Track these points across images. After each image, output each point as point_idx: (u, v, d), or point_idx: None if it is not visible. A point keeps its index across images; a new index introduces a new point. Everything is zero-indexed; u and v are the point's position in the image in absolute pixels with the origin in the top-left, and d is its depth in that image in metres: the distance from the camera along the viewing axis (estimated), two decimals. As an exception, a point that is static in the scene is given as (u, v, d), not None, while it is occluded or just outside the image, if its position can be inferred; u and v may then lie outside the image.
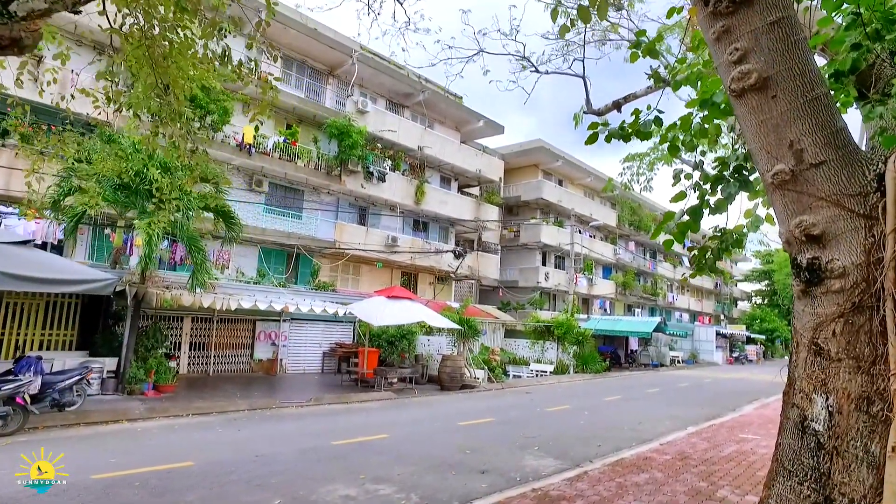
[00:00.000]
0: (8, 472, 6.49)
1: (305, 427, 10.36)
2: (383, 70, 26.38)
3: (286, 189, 23.20)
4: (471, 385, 18.20)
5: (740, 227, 4.17)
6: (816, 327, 2.95)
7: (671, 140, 4.39)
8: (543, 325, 26.91)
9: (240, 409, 11.86)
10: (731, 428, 11.33)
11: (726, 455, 8.44)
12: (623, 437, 10.16)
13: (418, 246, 26.61)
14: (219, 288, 16.17)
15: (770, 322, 55.93)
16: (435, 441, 9.38)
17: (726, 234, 4.15)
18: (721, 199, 3.88)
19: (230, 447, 8.35)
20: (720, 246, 4.14)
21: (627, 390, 19.91)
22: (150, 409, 10.92)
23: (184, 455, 7.64)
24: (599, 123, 4.22)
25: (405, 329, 20.62)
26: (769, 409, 14.87)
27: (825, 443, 2.87)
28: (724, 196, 3.85)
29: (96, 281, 9.16)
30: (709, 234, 4.28)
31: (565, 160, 37.68)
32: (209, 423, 10.19)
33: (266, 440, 8.95)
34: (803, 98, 2.74)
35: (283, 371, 19.56)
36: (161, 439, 8.74)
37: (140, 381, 13.12)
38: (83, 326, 15.26)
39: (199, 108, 19.40)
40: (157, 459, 7.34)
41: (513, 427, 11.06)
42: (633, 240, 45.33)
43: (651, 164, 20.84)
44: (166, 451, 7.87)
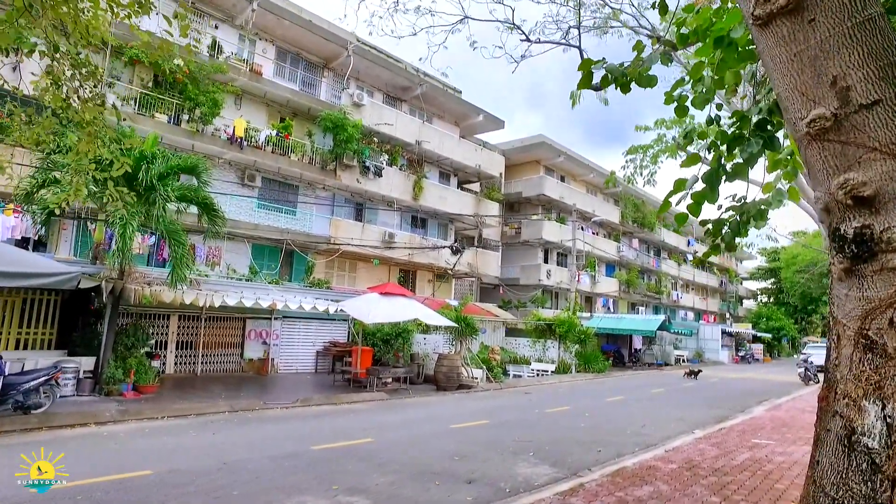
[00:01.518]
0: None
1: (287, 430, 9.72)
2: (380, 63, 25.74)
3: (280, 184, 22.58)
4: (468, 385, 17.54)
5: (768, 189, 3.46)
6: (866, 315, 2.28)
7: (678, 99, 3.70)
8: (545, 323, 26.23)
9: (220, 412, 11.23)
10: (742, 432, 10.57)
11: (739, 464, 7.72)
12: (625, 442, 9.48)
13: (416, 243, 25.96)
14: (205, 285, 15.56)
15: (776, 320, 55.03)
16: (423, 445, 8.73)
17: (746, 206, 3.44)
18: (740, 163, 3.19)
19: (198, 453, 7.72)
20: (739, 219, 3.44)
21: (631, 390, 19.21)
22: (123, 412, 10.29)
23: (144, 463, 7.00)
24: (594, 62, 3.52)
25: (401, 327, 19.97)
26: (781, 411, 14.09)
27: (882, 464, 2.21)
28: (744, 158, 3.15)
29: (56, 275, 8.54)
30: (725, 207, 3.58)
31: (567, 156, 36.96)
32: (183, 427, 9.56)
33: (240, 445, 8.31)
34: (850, 21, 2.07)
35: (275, 371, 18.94)
36: (125, 445, 8.11)
37: (118, 382, 12.50)
38: (63, 325, 14.66)
39: (189, 100, 18.82)
40: (112, 468, 6.71)
41: (508, 430, 10.39)
42: (637, 237, 44.56)
43: (655, 157, 20.14)
44: (126, 459, 7.24)
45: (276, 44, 23.27)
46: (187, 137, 18.74)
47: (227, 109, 20.66)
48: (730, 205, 3.45)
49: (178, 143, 18.31)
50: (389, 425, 10.59)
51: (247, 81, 20.76)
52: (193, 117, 19.03)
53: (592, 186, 41.77)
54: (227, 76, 19.90)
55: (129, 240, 11.12)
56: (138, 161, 11.56)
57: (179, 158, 12.61)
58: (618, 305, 41.75)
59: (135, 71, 18.69)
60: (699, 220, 3.58)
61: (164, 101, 18.61)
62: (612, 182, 21.70)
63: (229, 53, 20.92)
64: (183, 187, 13.13)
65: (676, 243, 49.59)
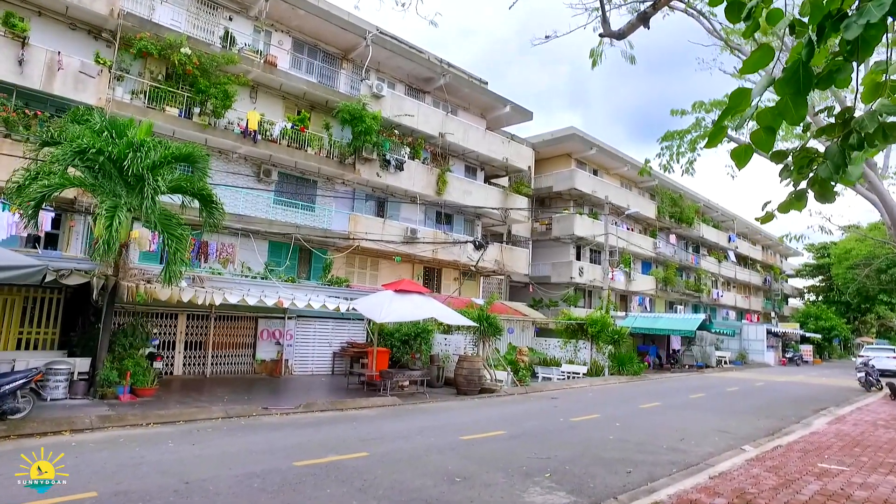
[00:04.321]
0: None
1: (275, 441, 8.75)
2: (401, 53, 24.77)
3: (297, 179, 21.84)
4: (490, 389, 16.35)
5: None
6: None
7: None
8: (576, 322, 24.79)
9: (212, 418, 10.36)
10: (805, 452, 8.89)
11: (808, 500, 6.20)
12: (660, 461, 8.16)
13: (440, 239, 24.88)
14: (209, 282, 14.83)
15: (827, 320, 51.83)
16: (421, 463, 7.61)
17: (857, 121, 2.08)
18: (840, 59, 1.90)
19: (161, 470, 6.78)
20: (842, 144, 2.09)
21: (668, 395, 17.68)
22: (104, 418, 9.50)
23: (94, 482, 6.11)
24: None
25: (420, 327, 18.94)
26: (847, 425, 12.16)
27: None
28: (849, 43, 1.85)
29: (17, 268, 7.78)
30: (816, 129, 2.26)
31: (600, 148, 35.32)
32: (164, 436, 8.70)
33: (213, 460, 7.35)
34: None
35: (289, 373, 18.14)
36: (86, 458, 7.24)
37: (114, 384, 11.81)
38: (66, 324, 14.15)
39: (200, 93, 18.20)
40: (56, 489, 5.82)
41: (525, 443, 9.20)
42: (675, 232, 42.43)
43: (692, 144, 18.49)
44: (76, 477, 6.34)
45: (291, 35, 22.55)
46: (199, 131, 18.13)
47: (242, 103, 20.02)
48: (824, 124, 2.15)
49: (191, 137, 17.68)
50: (392, 435, 9.52)
51: (261, 73, 20.05)
52: (205, 110, 18.41)
53: (627, 180, 39.96)
54: (240, 67, 19.23)
55: (116, 232, 10.35)
56: (124, 150, 10.81)
57: (174, 147, 11.82)
58: (654, 304, 39.81)
59: (146, 64, 18.16)
60: (771, 153, 2.32)
61: (175, 95, 18.02)
62: (646, 171, 20.11)
63: (243, 45, 20.24)
64: (180, 178, 12.38)
65: (717, 239, 47.21)
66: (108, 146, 10.88)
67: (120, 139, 11.21)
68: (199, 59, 17.81)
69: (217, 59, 18.35)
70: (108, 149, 10.84)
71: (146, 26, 17.30)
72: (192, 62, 17.69)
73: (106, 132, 11.32)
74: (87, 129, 11.10)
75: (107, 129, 11.38)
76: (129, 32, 17.16)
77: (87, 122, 11.42)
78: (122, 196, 11.44)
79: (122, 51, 17.36)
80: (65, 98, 15.56)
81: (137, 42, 17.02)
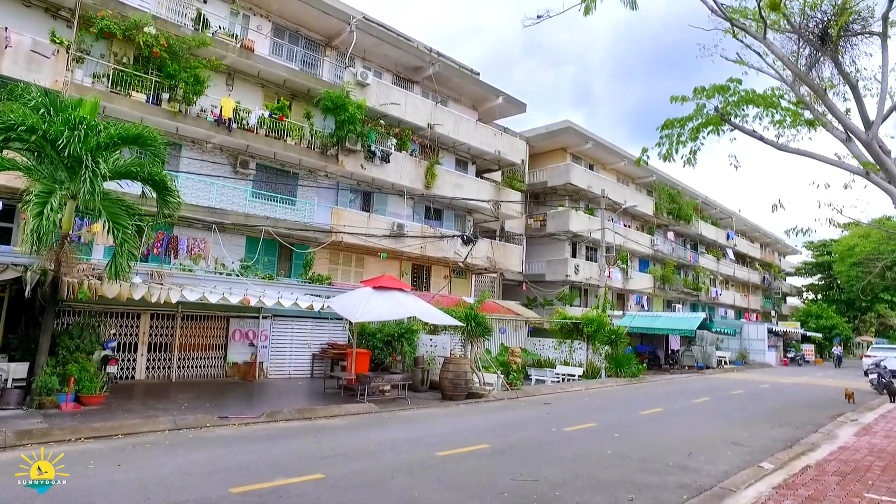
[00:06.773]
0: None
1: (220, 459, 7.52)
2: (387, 40, 23.58)
3: (277, 171, 20.62)
4: (478, 394, 15.14)
5: None
6: None
7: None
8: (571, 322, 23.63)
9: (157, 430, 9.13)
10: (842, 476, 7.37)
11: None
12: (667, 484, 6.97)
13: (429, 234, 23.68)
14: (168, 278, 13.61)
15: (828, 319, 50.79)
16: (383, 489, 6.40)
17: None
18: None
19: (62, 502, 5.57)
20: None
21: (669, 399, 16.52)
22: (24, 434, 8.21)
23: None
24: None
25: (405, 327, 17.73)
26: (878, 437, 10.52)
27: None
28: None
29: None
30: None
31: (596, 142, 34.21)
32: (88, 455, 7.45)
33: (132, 487, 6.11)
34: None
35: (264, 376, 16.90)
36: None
37: (54, 392, 10.57)
38: (10, 325, 12.88)
39: (169, 78, 16.96)
40: None
41: (511, 460, 8.00)
42: (673, 229, 41.33)
43: (694, 132, 17.31)
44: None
45: (271, 19, 21.34)
46: (169, 119, 16.91)
47: (218, 90, 18.81)
48: None
49: (161, 125, 16.38)
50: (358, 451, 8.30)
51: (237, 58, 18.82)
52: (175, 96, 17.17)
53: (624, 175, 38.87)
54: (214, 51, 18.00)
55: (48, 221, 9.13)
56: (59, 129, 9.57)
57: (120, 127, 10.59)
58: (652, 303, 38.71)
59: (110, 46, 16.91)
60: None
61: (142, 79, 16.78)
62: (642, 162, 18.94)
63: (217, 28, 19.00)
64: (131, 162, 11.16)
65: (715, 237, 46.17)
66: (41, 124, 9.64)
67: (57, 117, 9.98)
68: (166, 40, 16.58)
69: (187, 42, 17.13)
70: (41, 127, 9.59)
71: (109, 4, 16.07)
72: (159, 44, 16.46)
73: (43, 109, 10.10)
74: (20, 105, 9.87)
75: (44, 107, 10.16)
76: (90, 11, 15.92)
77: (22, 99, 10.18)
78: (64, 182, 10.23)
79: (83, 31, 16.11)
80: (15, 79, 14.26)
81: (99, 21, 15.78)
